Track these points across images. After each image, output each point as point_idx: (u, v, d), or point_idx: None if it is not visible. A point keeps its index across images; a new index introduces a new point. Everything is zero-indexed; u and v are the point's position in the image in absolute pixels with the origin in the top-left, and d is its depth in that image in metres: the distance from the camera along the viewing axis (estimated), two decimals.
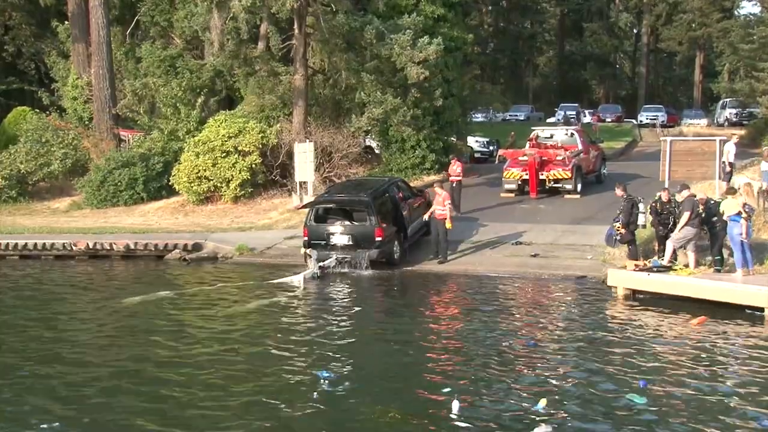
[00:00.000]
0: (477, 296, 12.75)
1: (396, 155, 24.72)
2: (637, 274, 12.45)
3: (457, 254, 15.68)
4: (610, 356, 9.36)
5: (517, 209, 19.63)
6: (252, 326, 11.05)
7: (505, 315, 11.38)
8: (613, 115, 47.96)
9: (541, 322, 10.99)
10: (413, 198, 16.85)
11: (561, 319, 11.14)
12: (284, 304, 12.44)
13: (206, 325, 11.12)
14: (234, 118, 23.34)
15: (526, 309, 11.84)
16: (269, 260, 16.28)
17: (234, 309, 12.12)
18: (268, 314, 11.77)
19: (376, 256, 14.48)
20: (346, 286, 13.83)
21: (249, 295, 13.15)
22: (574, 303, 12.21)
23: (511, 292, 13.06)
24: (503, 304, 12.14)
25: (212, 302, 12.67)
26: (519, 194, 21.10)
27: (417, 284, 14.14)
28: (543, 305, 12.05)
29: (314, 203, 15.64)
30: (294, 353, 9.68)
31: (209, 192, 22.22)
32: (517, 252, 15.53)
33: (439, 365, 9.15)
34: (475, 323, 10.92)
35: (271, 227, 19.09)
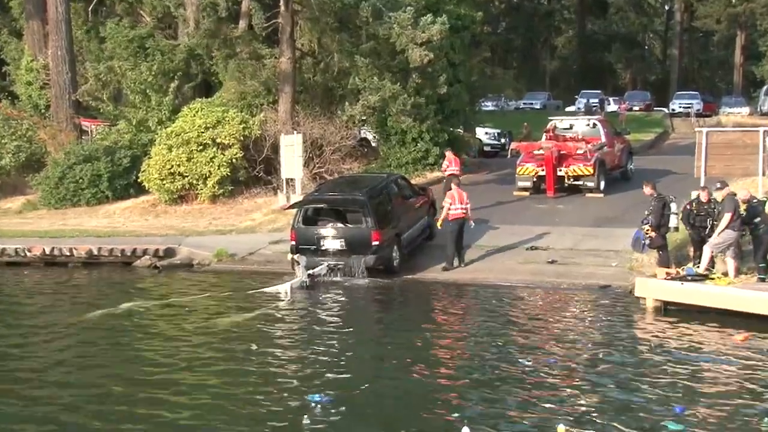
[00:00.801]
0: (487, 308, 12.79)
1: (395, 149, 24.78)
2: (669, 283, 12.46)
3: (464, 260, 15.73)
4: (640, 377, 9.35)
5: (531, 210, 19.68)
6: (232, 343, 11.04)
7: (519, 330, 11.40)
8: (642, 103, 48.11)
9: (560, 338, 11.00)
10: (415, 197, 16.89)
11: (583, 335, 11.16)
12: (269, 317, 12.45)
13: (180, 342, 11.10)
14: (212, 107, 23.38)
15: (543, 323, 11.85)
16: (252, 267, 16.31)
17: (212, 323, 12.12)
18: (250, 329, 11.78)
19: (372, 263, 14.52)
20: (339, 297, 13.85)
21: (229, 307, 13.16)
22: (598, 316, 12.24)
23: (526, 304, 13.09)
24: (517, 317, 12.17)
25: (187, 315, 12.69)
26: (534, 193, 21.17)
27: (419, 295, 14.18)
28: (562, 319, 12.08)
29: (303, 203, 15.66)
30: (281, 374, 9.67)
31: (183, 190, 22.25)
32: (532, 258, 15.57)
33: (445, 387, 9.15)
34: (486, 339, 10.94)
35: (254, 230, 19.12)
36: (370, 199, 14.82)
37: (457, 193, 15.49)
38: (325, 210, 15.52)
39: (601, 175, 20.74)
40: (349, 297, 13.84)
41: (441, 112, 24.78)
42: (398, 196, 16.25)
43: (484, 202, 19.84)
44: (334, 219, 15.35)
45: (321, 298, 13.80)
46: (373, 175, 20.05)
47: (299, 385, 9.23)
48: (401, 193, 16.49)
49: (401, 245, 15.38)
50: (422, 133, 24.35)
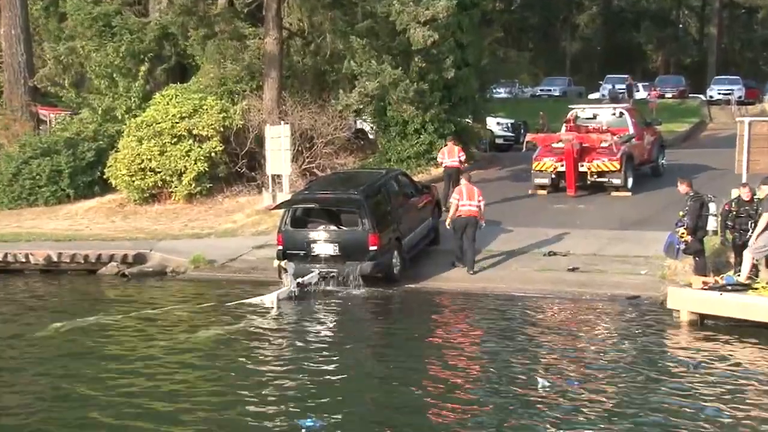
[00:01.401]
0: (500, 322, 12.81)
1: (395, 141, 24.84)
2: (707, 293, 12.47)
3: (474, 267, 15.77)
4: (674, 402, 9.32)
5: (550, 210, 19.73)
6: (212, 361, 11.06)
7: (536, 347, 11.42)
8: (675, 89, 48.26)
9: (582, 356, 11.01)
10: (417, 196, 16.94)
11: (608, 353, 11.17)
12: (253, 331, 12.48)
13: (152, 361, 11.11)
14: (187, 94, 23.42)
15: (563, 339, 11.87)
16: (233, 275, 16.36)
17: (188, 338, 12.14)
18: (232, 345, 11.79)
19: (370, 270, 14.55)
20: (332, 309, 13.88)
21: (207, 320, 13.18)
22: (625, 331, 12.26)
23: (544, 317, 13.13)
24: (534, 332, 12.19)
25: (160, 330, 12.71)
26: (553, 191, 21.25)
27: (423, 306, 14.21)
28: (584, 334, 12.11)
29: (291, 202, 15.69)
30: (266, 396, 9.68)
31: (155, 188, 22.30)
32: (551, 265, 15.62)
33: (454, 412, 9.14)
34: (500, 357, 10.95)
35: (236, 233, 19.15)
36: (366, 198, 14.84)
37: (466, 189, 15.61)
38: (316, 210, 15.55)
39: (628, 171, 20.80)
40: (343, 309, 13.87)
41: (447, 99, 24.82)
42: (399, 195, 16.29)
43: (495, 202, 19.87)
44: (327, 221, 15.38)
45: (312, 311, 13.82)
46: (370, 171, 20.08)
47: (287, 408, 9.24)
48: (402, 192, 16.53)
49: (402, 250, 15.42)
50: (426, 124, 24.40)
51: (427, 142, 24.63)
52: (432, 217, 17.29)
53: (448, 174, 20.17)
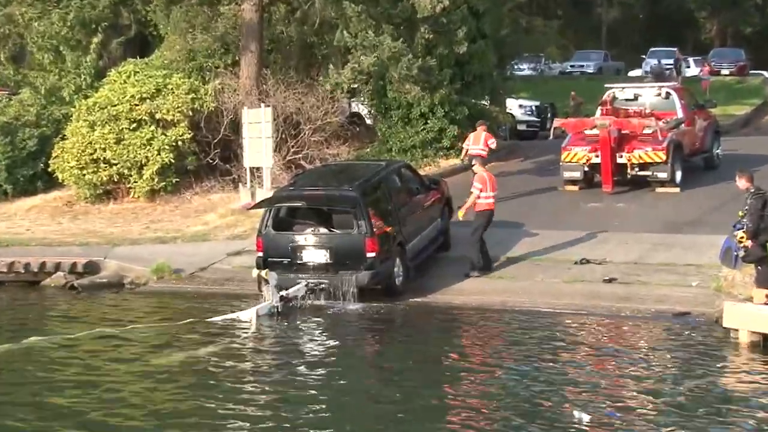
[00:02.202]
0: (524, 344, 12.78)
1: (398, 127, 24.86)
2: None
3: (492, 278, 15.75)
4: None
5: (582, 210, 19.72)
6: (179, 390, 11.05)
7: (568, 373, 11.40)
8: (733, 65, 48.21)
9: (623, 383, 10.99)
10: (424, 192, 16.94)
11: (653, 381, 11.14)
12: (226, 354, 12.45)
13: (108, 392, 11.08)
14: (149, 70, 23.43)
15: (599, 364, 11.85)
16: (204, 288, 16.37)
17: (147, 363, 12.11)
18: (202, 371, 11.77)
19: (367, 281, 14.54)
20: (321, 328, 13.88)
21: (173, 341, 13.17)
22: (672, 355, 12.23)
23: (576, 338, 13.10)
24: (565, 356, 12.16)
25: (116, 354, 12.68)
26: (586, 187, 21.25)
27: (431, 325, 14.18)
28: (625, 358, 12.07)
29: (273, 201, 15.69)
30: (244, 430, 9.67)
31: (111, 183, 22.31)
32: (583, 275, 15.61)
33: None
34: (523, 385, 10.93)
35: (208, 237, 19.16)
36: (363, 196, 14.84)
37: (489, 177, 15.77)
38: (302, 210, 15.54)
39: (676, 163, 20.81)
40: (334, 328, 13.85)
41: (459, 78, 24.85)
42: (402, 192, 16.30)
43: (517, 200, 19.89)
44: (316, 222, 15.37)
45: (297, 329, 13.80)
46: (367, 163, 20.06)
47: None
48: (405, 188, 16.54)
49: (406, 257, 15.42)
50: (434, 107, 24.41)
51: (436, 129, 24.63)
52: (441, 218, 17.28)
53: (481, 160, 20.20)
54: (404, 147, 24.57)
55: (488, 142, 20.43)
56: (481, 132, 20.56)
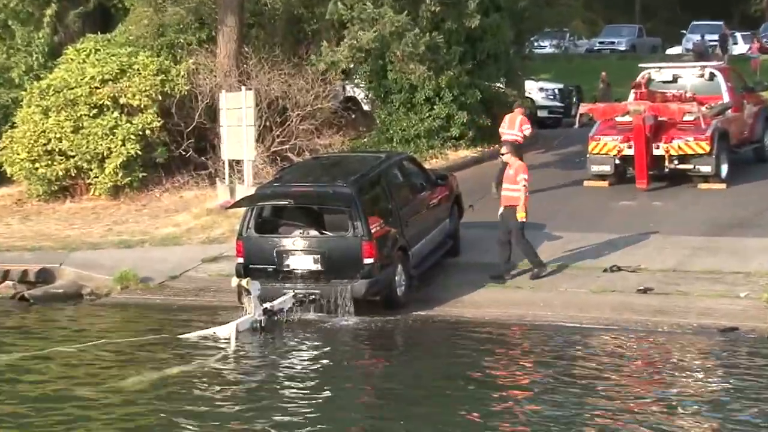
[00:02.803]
0: (548, 366, 12.74)
1: (399, 114, 24.84)
2: None
3: (508, 287, 15.77)
4: None
5: (613, 209, 19.73)
6: (146, 416, 11.02)
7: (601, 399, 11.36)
8: None
9: (663, 412, 10.94)
10: (430, 189, 16.95)
11: (696, 409, 11.08)
12: (201, 376, 12.43)
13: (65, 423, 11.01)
14: (112, 48, 23.42)
15: (635, 388, 11.80)
16: (175, 299, 16.37)
17: (113, 387, 12.08)
18: (173, 396, 11.74)
19: (364, 292, 14.52)
20: (311, 346, 13.85)
21: (139, 361, 13.13)
22: (720, 378, 12.19)
23: (607, 358, 13.05)
24: (595, 380, 12.11)
25: (74, 375, 12.63)
26: (616, 182, 21.28)
27: (439, 343, 14.15)
28: (663, 382, 12.04)
29: (255, 199, 15.66)
30: None
31: (68, 179, 22.34)
32: (614, 284, 15.61)
33: None
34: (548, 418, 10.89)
35: (180, 240, 19.17)
36: (359, 193, 14.82)
37: None
38: (290, 210, 15.53)
39: (722, 155, 20.81)
40: (326, 345, 13.81)
41: (471, 57, 24.81)
42: (404, 188, 16.32)
43: (538, 197, 19.78)
44: (305, 224, 15.36)
45: (283, 347, 13.79)
46: (364, 155, 20.07)
47: None
48: (408, 183, 16.55)
49: (409, 264, 15.41)
50: (441, 91, 24.39)
51: (443, 116, 24.60)
52: (450, 219, 17.29)
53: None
54: (407, 136, 24.54)
55: (523, 127, 20.45)
56: (517, 115, 20.62)
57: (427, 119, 24.54)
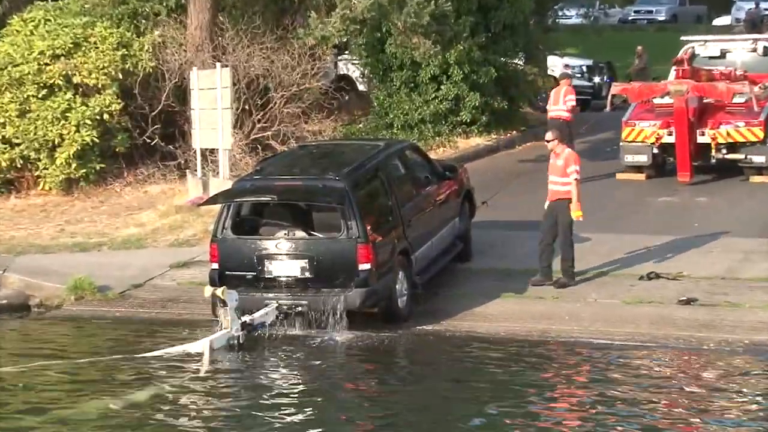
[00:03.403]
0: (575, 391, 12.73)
1: (400, 95, 24.85)
2: None
3: (528, 297, 15.76)
4: None
5: (650, 205, 19.80)
6: None
7: None
8: None
9: None
10: (436, 183, 16.96)
11: None
12: (170, 401, 12.41)
13: None
14: (65, 18, 23.32)
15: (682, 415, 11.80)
16: (138, 311, 16.36)
17: (66, 415, 12.02)
18: (135, 424, 11.72)
19: (360, 303, 14.49)
20: (298, 365, 13.84)
21: (97, 384, 13.12)
22: None
23: (645, 380, 13.01)
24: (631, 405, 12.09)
25: (21, 401, 12.59)
26: (655, 175, 21.36)
27: (447, 364, 14.13)
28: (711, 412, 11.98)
29: (233, 194, 15.64)
30: None
31: (13, 170, 22.29)
32: (652, 294, 15.61)
33: None
34: None
35: (144, 243, 19.17)
36: (354, 188, 14.79)
37: None
38: (273, 207, 15.53)
39: None
40: (315, 366, 13.80)
41: (484, 28, 24.83)
42: (406, 182, 16.31)
43: None
44: (290, 223, 15.35)
45: (264, 368, 13.78)
46: (360, 143, 20.05)
47: None
48: (411, 177, 16.55)
49: (412, 270, 15.40)
50: (450, 68, 24.40)
51: (452, 97, 24.59)
52: (460, 217, 17.29)
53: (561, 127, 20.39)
54: (409, 121, 24.52)
55: (566, 98, 20.50)
56: (563, 87, 20.69)
57: (433, 101, 24.53)
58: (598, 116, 27.76)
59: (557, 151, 15.98)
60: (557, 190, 15.82)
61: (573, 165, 15.73)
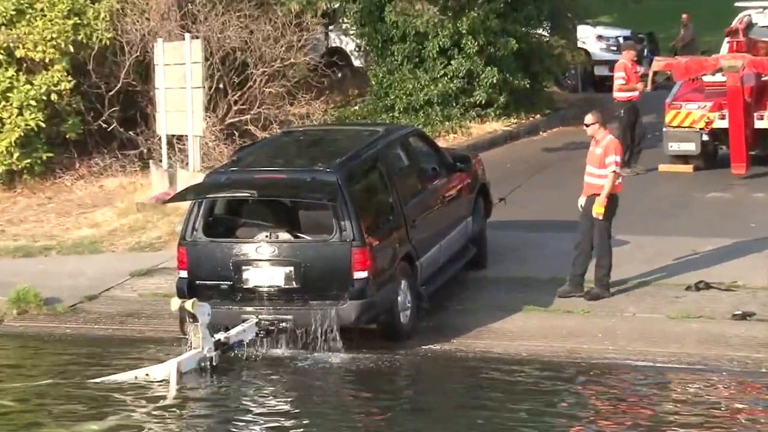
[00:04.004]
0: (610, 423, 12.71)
1: (403, 72, 24.90)
2: None
3: (554, 312, 15.75)
4: None
5: (698, 202, 19.89)
6: None
7: None
8: None
9: None
10: (445, 176, 17.01)
11: None
12: None
13: None
14: None
15: None
16: (93, 328, 16.38)
17: None
18: None
19: (355, 318, 14.49)
20: (280, 394, 13.85)
21: (44, 413, 13.08)
22: None
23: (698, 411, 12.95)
24: None
25: None
26: (704, 165, 21.45)
27: (459, 391, 14.15)
28: None
29: (204, 189, 15.62)
30: None
31: None
32: (701, 308, 15.62)
33: None
34: None
35: (100, 247, 19.22)
36: (348, 182, 14.76)
37: None
38: (252, 205, 15.55)
39: None
40: (301, 394, 13.81)
41: None
42: (410, 175, 16.32)
43: None
44: (273, 223, 15.34)
45: (242, 396, 13.72)
46: (355, 129, 20.07)
47: None
48: (416, 169, 16.55)
49: (417, 279, 15.40)
50: (462, 39, 24.36)
51: (464, 74, 24.59)
52: (473, 217, 17.32)
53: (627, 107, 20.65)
54: (413, 103, 24.52)
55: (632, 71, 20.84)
56: (623, 60, 20.66)
57: (442, 79, 24.54)
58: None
59: (597, 137, 15.91)
60: (593, 184, 15.76)
61: (613, 155, 15.65)
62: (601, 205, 15.52)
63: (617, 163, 15.66)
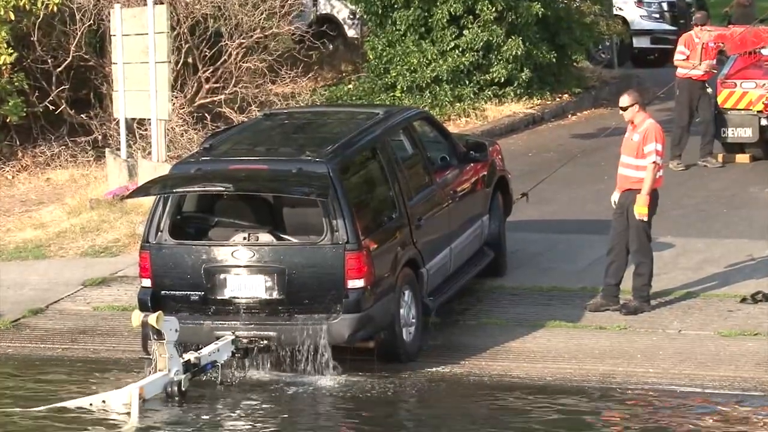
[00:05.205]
0: None
1: (406, 44, 24.92)
2: None
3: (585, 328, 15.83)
4: None
5: (754, 200, 20.03)
6: None
7: None
8: None
9: None
10: (457, 168, 17.13)
11: None
12: None
13: None
14: None
15: None
16: (39, 347, 16.43)
17: None
18: None
19: (349, 335, 14.55)
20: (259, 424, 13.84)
21: None
22: None
23: None
24: None
25: None
26: (762, 155, 21.70)
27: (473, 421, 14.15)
28: None
29: (170, 183, 15.66)
30: None
31: None
32: (759, 323, 15.71)
33: None
34: None
35: (46, 250, 19.30)
36: (341, 174, 14.85)
37: None
38: (227, 202, 15.63)
39: None
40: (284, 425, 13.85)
41: None
42: (414, 166, 16.41)
43: None
44: (252, 223, 15.42)
45: (215, 426, 13.78)
46: (350, 111, 20.22)
47: None
48: (422, 159, 16.65)
49: (423, 289, 15.49)
50: (475, 5, 24.45)
51: (479, 46, 24.62)
52: (490, 215, 17.43)
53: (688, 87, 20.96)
54: (419, 81, 24.58)
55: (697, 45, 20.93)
56: (693, 29, 20.84)
57: (452, 52, 24.61)
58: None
59: (635, 121, 15.89)
60: (628, 176, 15.80)
61: (653, 143, 15.64)
62: (644, 205, 15.55)
63: (658, 153, 15.65)
